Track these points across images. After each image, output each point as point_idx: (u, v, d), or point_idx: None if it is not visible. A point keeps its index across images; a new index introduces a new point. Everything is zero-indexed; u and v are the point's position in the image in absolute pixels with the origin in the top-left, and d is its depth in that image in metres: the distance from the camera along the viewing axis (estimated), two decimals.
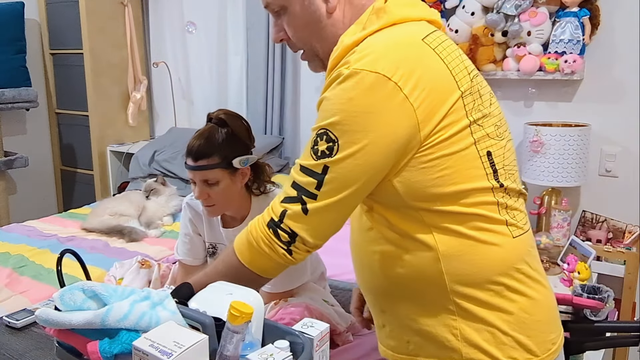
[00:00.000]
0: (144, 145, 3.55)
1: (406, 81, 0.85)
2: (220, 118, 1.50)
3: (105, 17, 3.58)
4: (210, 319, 0.92)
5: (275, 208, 0.94)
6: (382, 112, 0.85)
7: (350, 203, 0.92)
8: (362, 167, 0.88)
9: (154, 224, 2.69)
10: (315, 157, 0.90)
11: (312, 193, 0.90)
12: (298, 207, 0.91)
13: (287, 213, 0.92)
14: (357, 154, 0.87)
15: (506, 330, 0.93)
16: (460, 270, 0.92)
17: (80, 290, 0.96)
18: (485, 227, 0.92)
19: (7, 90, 3.26)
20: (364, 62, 0.86)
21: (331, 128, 0.88)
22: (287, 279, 1.54)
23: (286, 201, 0.93)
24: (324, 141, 0.89)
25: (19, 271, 2.15)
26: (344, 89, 0.86)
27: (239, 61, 3.45)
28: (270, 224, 0.94)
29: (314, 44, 1.01)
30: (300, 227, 0.92)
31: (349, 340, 1.51)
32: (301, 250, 0.94)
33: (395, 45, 0.89)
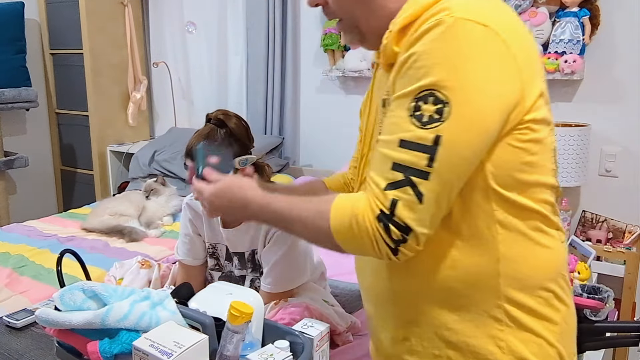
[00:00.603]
0: (144, 145, 3.55)
1: (512, 41, 0.76)
2: (219, 118, 1.50)
3: (105, 17, 3.58)
4: (210, 319, 0.92)
5: (381, 197, 0.77)
6: (494, 68, 0.75)
7: (463, 179, 0.79)
8: (478, 131, 0.75)
9: (154, 224, 2.69)
10: (421, 125, 0.75)
11: (423, 172, 0.75)
12: (410, 193, 0.76)
13: (398, 203, 0.76)
14: (475, 115, 0.74)
15: (552, 342, 0.86)
16: (517, 274, 0.84)
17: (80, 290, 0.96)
18: (544, 228, 0.85)
19: (7, 90, 3.26)
20: (468, 11, 0.74)
21: (438, 87, 0.74)
22: (287, 278, 1.54)
23: (392, 187, 0.77)
24: (431, 104, 0.74)
25: (19, 271, 2.15)
26: (447, 40, 0.74)
27: (239, 61, 3.45)
28: (381, 217, 0.77)
29: (357, 14, 0.89)
30: (416, 218, 0.76)
31: (349, 340, 1.51)
32: (410, 250, 0.79)
33: (497, 4, 0.79)
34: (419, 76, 0.75)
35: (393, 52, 0.82)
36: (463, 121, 0.74)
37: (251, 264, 1.61)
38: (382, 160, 0.79)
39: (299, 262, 1.55)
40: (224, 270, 1.67)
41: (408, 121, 0.76)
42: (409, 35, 0.79)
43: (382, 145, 0.80)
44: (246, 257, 1.61)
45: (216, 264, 1.68)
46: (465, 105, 0.74)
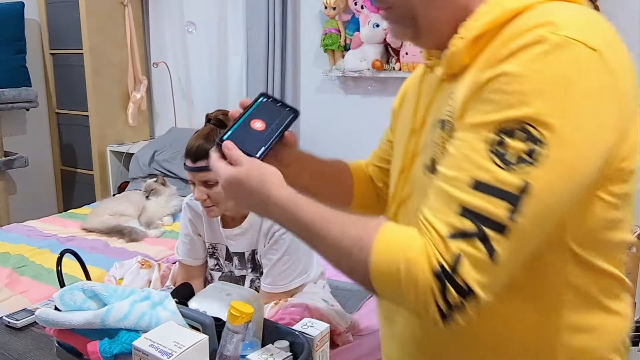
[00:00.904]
0: (144, 145, 3.55)
1: (619, 71, 0.62)
2: (218, 119, 1.50)
3: (105, 17, 3.58)
4: (210, 319, 0.92)
5: (441, 247, 0.63)
6: (599, 105, 0.61)
7: (542, 238, 0.64)
8: (574, 183, 0.61)
9: (154, 224, 2.69)
10: (505, 166, 0.60)
11: (501, 225, 0.60)
12: (480, 249, 0.61)
13: (463, 260, 0.61)
14: (574, 162, 0.60)
15: None
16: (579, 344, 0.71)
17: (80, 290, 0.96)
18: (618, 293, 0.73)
19: (7, 90, 3.26)
20: (577, 30, 0.60)
21: (534, 121, 0.59)
22: (287, 278, 1.54)
23: (458, 237, 0.62)
24: (519, 140, 0.59)
25: (19, 271, 2.15)
26: (551, 64, 0.59)
27: (239, 61, 3.45)
28: (440, 273, 0.62)
29: (416, 5, 0.74)
30: (481, 280, 0.61)
31: (349, 340, 1.51)
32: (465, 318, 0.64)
33: (604, 26, 0.65)
34: (510, 103, 0.60)
35: (461, 63, 0.70)
36: (560, 168, 0.60)
37: (251, 264, 1.61)
38: (444, 201, 0.64)
39: (299, 262, 1.55)
40: (224, 270, 1.67)
41: (487, 157, 0.61)
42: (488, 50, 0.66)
43: (446, 181, 0.65)
44: (246, 257, 1.61)
45: (216, 264, 1.68)
46: (564, 149, 0.59)
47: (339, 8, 2.85)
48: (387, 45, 2.78)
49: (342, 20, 2.91)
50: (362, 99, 3.06)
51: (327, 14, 2.90)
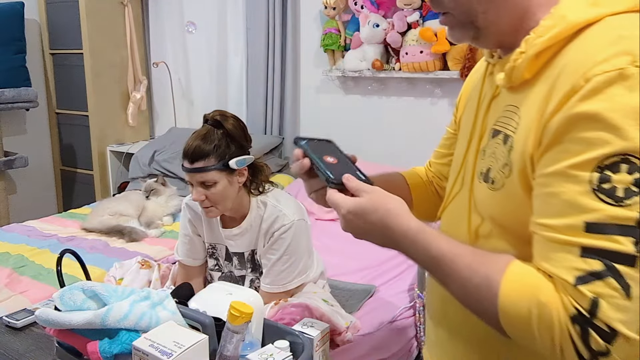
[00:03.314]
0: (144, 145, 3.55)
1: None
2: (215, 119, 1.50)
3: (105, 17, 3.58)
4: (210, 319, 0.92)
5: (575, 294, 0.61)
6: None
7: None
8: None
9: (154, 224, 2.69)
10: (615, 201, 0.60)
11: (631, 257, 0.59)
12: (615, 287, 0.59)
13: (601, 302, 0.59)
14: None
15: None
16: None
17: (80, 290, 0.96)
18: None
19: (7, 90, 3.26)
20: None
21: (633, 151, 0.59)
22: (286, 278, 1.54)
23: (588, 280, 0.60)
24: (625, 173, 0.59)
25: (19, 271, 2.15)
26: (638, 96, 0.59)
27: (239, 61, 3.46)
28: (579, 319, 0.60)
29: (474, 6, 0.73)
30: (624, 320, 0.59)
31: (349, 340, 1.51)
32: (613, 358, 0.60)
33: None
34: (605, 140, 0.60)
35: (522, 78, 0.70)
36: None
37: (251, 264, 1.61)
38: (561, 249, 0.63)
39: (299, 262, 1.55)
40: (223, 270, 1.67)
41: (593, 198, 0.60)
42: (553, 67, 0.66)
43: (556, 231, 0.64)
44: (246, 257, 1.61)
45: (216, 264, 1.68)
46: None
47: (339, 8, 2.85)
48: (387, 45, 2.78)
49: (342, 20, 2.91)
50: (362, 99, 3.06)
51: (327, 14, 2.90)
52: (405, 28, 2.67)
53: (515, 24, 0.72)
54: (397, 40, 2.69)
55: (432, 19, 2.61)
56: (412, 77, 2.78)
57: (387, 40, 2.73)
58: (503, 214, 0.75)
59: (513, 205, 0.72)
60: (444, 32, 2.59)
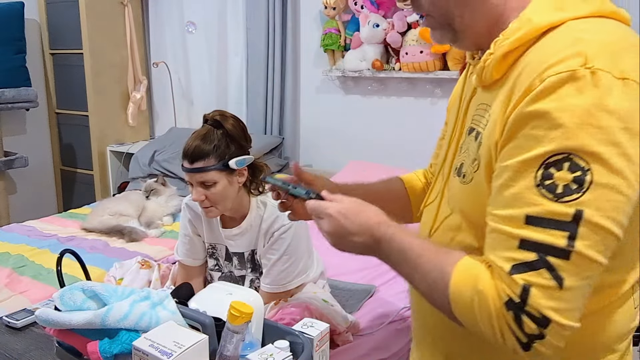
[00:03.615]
0: (144, 145, 3.55)
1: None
2: (215, 119, 1.50)
3: (105, 17, 3.58)
4: (210, 319, 0.92)
5: (509, 281, 0.65)
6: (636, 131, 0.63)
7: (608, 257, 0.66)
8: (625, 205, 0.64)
9: (154, 224, 2.69)
10: (554, 197, 0.63)
11: (563, 250, 0.63)
12: (546, 277, 0.63)
13: (532, 290, 0.64)
14: (620, 185, 0.62)
15: None
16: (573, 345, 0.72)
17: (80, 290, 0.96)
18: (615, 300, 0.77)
19: (7, 90, 3.26)
20: (607, 60, 0.63)
21: (578, 151, 0.62)
22: (286, 278, 1.54)
23: (521, 270, 0.64)
24: (566, 170, 0.63)
25: (19, 271, 2.15)
26: (587, 97, 0.62)
27: (239, 61, 3.45)
28: (511, 305, 0.65)
29: (452, 10, 0.77)
30: (556, 308, 0.63)
31: (349, 340, 1.51)
32: (548, 347, 0.65)
33: (632, 47, 0.67)
34: (552, 138, 0.63)
35: (492, 77, 0.74)
36: (607, 192, 0.62)
37: (251, 264, 1.61)
38: (502, 239, 0.67)
39: (299, 262, 1.55)
40: (223, 270, 1.67)
41: (535, 192, 0.64)
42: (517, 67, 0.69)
43: (500, 221, 0.68)
44: (246, 257, 1.61)
45: (216, 264, 1.68)
46: (610, 174, 0.62)
47: (339, 8, 2.85)
48: (387, 45, 2.78)
49: (342, 20, 2.91)
50: (362, 99, 3.06)
51: (327, 14, 2.90)
52: (405, 28, 2.67)
53: (491, 27, 0.75)
54: (397, 40, 2.69)
55: None
56: (412, 77, 2.78)
57: (387, 40, 2.73)
58: (471, 208, 0.79)
59: (480, 199, 0.75)
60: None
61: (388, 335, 1.62)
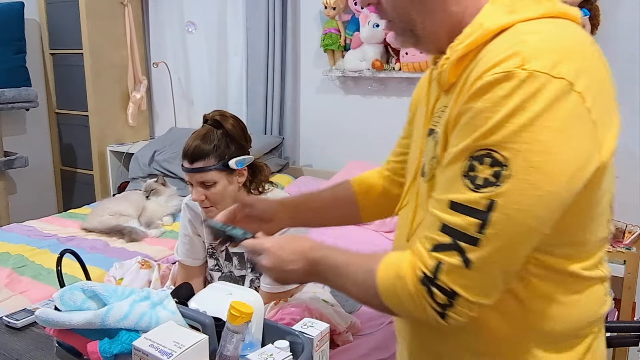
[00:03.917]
0: (144, 145, 3.55)
1: (587, 94, 0.67)
2: (215, 119, 1.50)
3: (105, 17, 3.58)
4: (210, 319, 0.92)
5: (425, 259, 0.73)
6: (566, 128, 0.66)
7: (525, 248, 0.71)
8: (543, 200, 0.67)
9: (154, 224, 2.69)
10: (474, 188, 0.68)
11: (472, 237, 0.69)
12: (456, 258, 0.70)
13: (442, 267, 0.71)
14: (538, 181, 0.66)
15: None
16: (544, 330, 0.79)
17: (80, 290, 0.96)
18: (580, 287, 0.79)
19: (7, 90, 3.26)
20: (544, 62, 0.66)
21: (498, 147, 0.66)
22: None
23: (438, 249, 0.72)
24: (487, 165, 0.67)
25: (19, 271, 2.15)
26: (516, 97, 0.65)
27: (239, 61, 3.45)
28: (424, 280, 0.72)
29: (413, 16, 0.80)
30: (462, 284, 0.70)
31: (349, 340, 1.51)
32: (461, 315, 0.72)
33: (576, 47, 0.69)
34: (479, 134, 0.68)
35: (449, 81, 0.77)
36: (523, 187, 0.66)
37: (251, 264, 1.61)
38: (432, 220, 0.74)
39: None
40: (223, 270, 1.67)
41: (460, 181, 0.70)
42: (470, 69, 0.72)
43: (434, 205, 0.74)
44: (246, 257, 1.61)
45: (216, 264, 1.68)
46: (527, 171, 0.66)
47: (339, 8, 2.85)
48: (387, 46, 2.78)
49: (342, 20, 2.91)
50: (362, 99, 3.06)
51: (327, 14, 2.90)
52: None
53: (451, 32, 0.78)
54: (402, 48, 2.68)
55: None
56: (412, 77, 2.78)
57: (387, 40, 2.73)
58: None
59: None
60: None
61: (388, 335, 1.62)
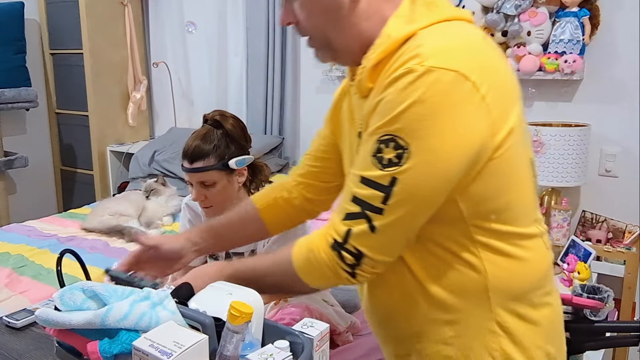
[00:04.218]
0: (143, 145, 3.55)
1: (482, 82, 0.77)
2: (215, 119, 1.50)
3: (105, 17, 3.58)
4: (210, 319, 0.92)
5: (338, 227, 0.85)
6: (459, 114, 0.77)
7: (422, 216, 0.84)
8: (437, 176, 0.79)
9: (154, 224, 2.69)
10: (381, 167, 0.80)
11: (378, 207, 0.81)
12: (364, 224, 0.82)
13: (351, 232, 0.83)
14: (433, 161, 0.78)
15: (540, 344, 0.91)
16: (504, 287, 0.88)
17: (80, 290, 0.96)
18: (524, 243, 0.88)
19: (7, 90, 3.26)
20: (439, 59, 0.76)
21: (400, 133, 0.78)
22: None
23: (348, 218, 0.84)
24: (391, 148, 0.79)
25: (19, 271, 2.15)
26: (415, 88, 0.76)
27: (239, 61, 3.45)
28: (335, 245, 0.85)
29: (328, 33, 0.90)
30: (368, 246, 0.83)
31: (349, 340, 1.51)
32: (367, 272, 0.85)
33: (467, 44, 0.81)
34: (385, 121, 0.79)
35: (367, 87, 0.87)
36: (420, 166, 0.78)
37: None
38: (346, 192, 0.86)
39: None
40: None
41: (370, 161, 0.81)
42: (383, 73, 0.83)
43: (350, 178, 0.86)
44: (246, 258, 1.61)
45: None
46: (424, 152, 0.77)
47: None
48: None
49: None
50: None
51: None
52: None
53: (364, 45, 0.88)
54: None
55: None
56: None
57: None
58: None
59: None
60: None
61: None
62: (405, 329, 0.95)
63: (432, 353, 0.92)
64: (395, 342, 0.99)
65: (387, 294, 0.95)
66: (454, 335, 0.90)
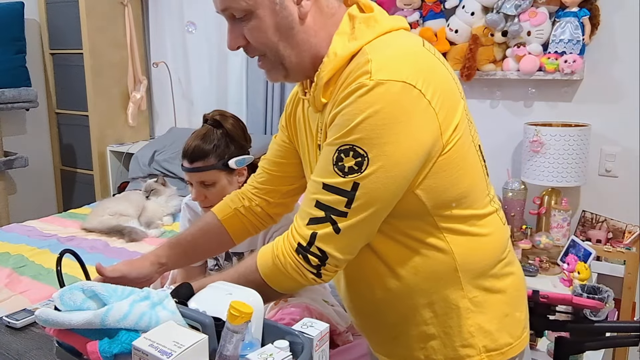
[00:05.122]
0: (143, 145, 3.55)
1: (427, 87, 0.85)
2: (215, 119, 1.50)
3: (105, 17, 3.58)
4: (210, 319, 0.92)
5: (302, 231, 0.91)
6: (410, 120, 0.84)
7: (383, 214, 0.91)
8: (394, 178, 0.86)
9: (153, 224, 2.69)
10: (342, 174, 0.86)
11: (342, 211, 0.87)
12: (328, 227, 0.88)
13: (317, 235, 0.89)
14: (390, 165, 0.85)
15: (508, 311, 1.00)
16: (470, 265, 0.96)
17: (80, 290, 0.96)
18: (482, 222, 0.97)
19: (7, 90, 3.26)
20: (387, 71, 0.84)
21: (358, 143, 0.85)
22: None
23: (313, 222, 0.90)
24: (351, 157, 0.85)
25: (19, 271, 2.15)
26: (368, 101, 0.83)
27: (239, 61, 3.45)
28: (299, 249, 0.91)
29: (281, 52, 0.95)
30: (332, 246, 0.89)
31: (349, 340, 1.51)
32: (331, 270, 0.92)
33: (409, 53, 0.88)
34: (343, 132, 0.85)
35: (321, 103, 0.94)
36: (379, 171, 0.85)
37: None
38: (308, 199, 0.91)
39: None
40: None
41: (332, 168, 0.87)
42: (336, 89, 0.90)
43: (311, 185, 0.92)
44: (245, 257, 1.61)
45: (215, 264, 1.68)
46: (381, 158, 0.84)
47: None
48: None
49: None
50: None
51: None
52: None
53: (314, 61, 0.94)
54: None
55: (432, 19, 2.61)
56: None
57: None
58: None
59: None
60: (444, 32, 2.59)
61: None
62: (389, 317, 1.02)
63: (416, 334, 1.00)
64: (380, 331, 1.07)
65: (365, 288, 1.02)
66: (433, 316, 0.98)
